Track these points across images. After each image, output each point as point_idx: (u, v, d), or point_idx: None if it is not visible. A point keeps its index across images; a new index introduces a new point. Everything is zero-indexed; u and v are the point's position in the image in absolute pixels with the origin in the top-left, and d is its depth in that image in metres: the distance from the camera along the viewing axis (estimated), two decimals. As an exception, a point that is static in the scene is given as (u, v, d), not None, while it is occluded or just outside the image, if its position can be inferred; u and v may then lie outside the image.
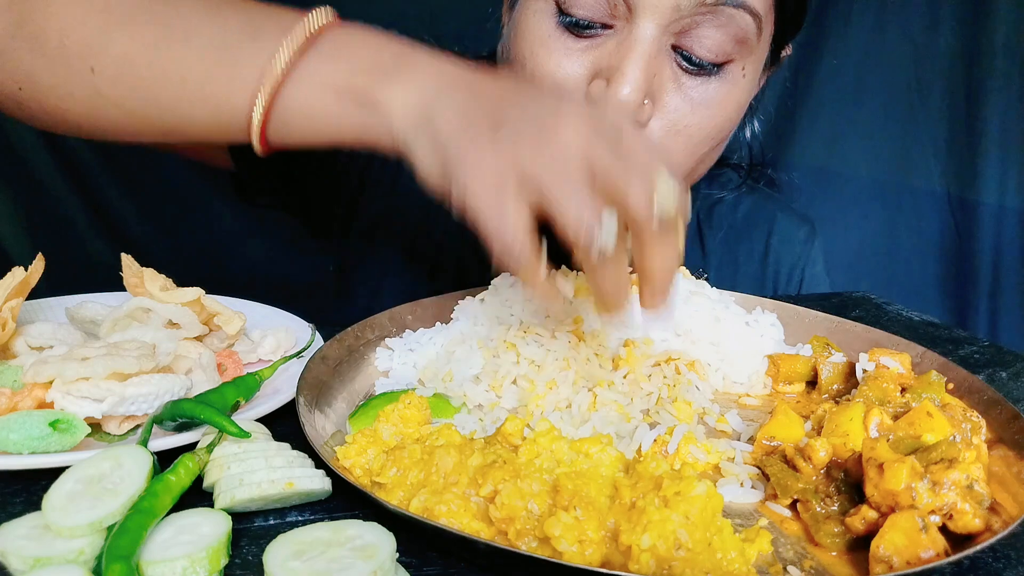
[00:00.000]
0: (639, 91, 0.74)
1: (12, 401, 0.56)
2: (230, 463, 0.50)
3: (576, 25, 0.76)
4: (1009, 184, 1.59)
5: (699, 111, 0.78)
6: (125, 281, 0.71)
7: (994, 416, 0.61)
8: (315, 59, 0.62)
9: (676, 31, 0.75)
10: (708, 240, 1.09)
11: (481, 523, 0.47)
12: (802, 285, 1.11)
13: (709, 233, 1.09)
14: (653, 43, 0.74)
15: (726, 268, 1.09)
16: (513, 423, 0.55)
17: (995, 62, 1.55)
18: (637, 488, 0.47)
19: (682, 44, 0.76)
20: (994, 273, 1.63)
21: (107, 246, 1.57)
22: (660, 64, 0.76)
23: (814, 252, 1.12)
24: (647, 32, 0.74)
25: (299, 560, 0.41)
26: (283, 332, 0.74)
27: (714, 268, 1.08)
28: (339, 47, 0.63)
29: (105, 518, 0.44)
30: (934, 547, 0.45)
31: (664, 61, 0.76)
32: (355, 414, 0.63)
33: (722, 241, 1.10)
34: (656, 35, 0.74)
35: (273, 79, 0.61)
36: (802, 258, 1.11)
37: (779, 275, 1.11)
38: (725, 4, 0.73)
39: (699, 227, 1.09)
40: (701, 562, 0.44)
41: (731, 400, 0.71)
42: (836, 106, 1.67)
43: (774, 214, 1.13)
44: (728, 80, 0.79)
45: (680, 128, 0.79)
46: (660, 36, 0.74)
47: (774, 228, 1.11)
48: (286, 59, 0.61)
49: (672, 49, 0.76)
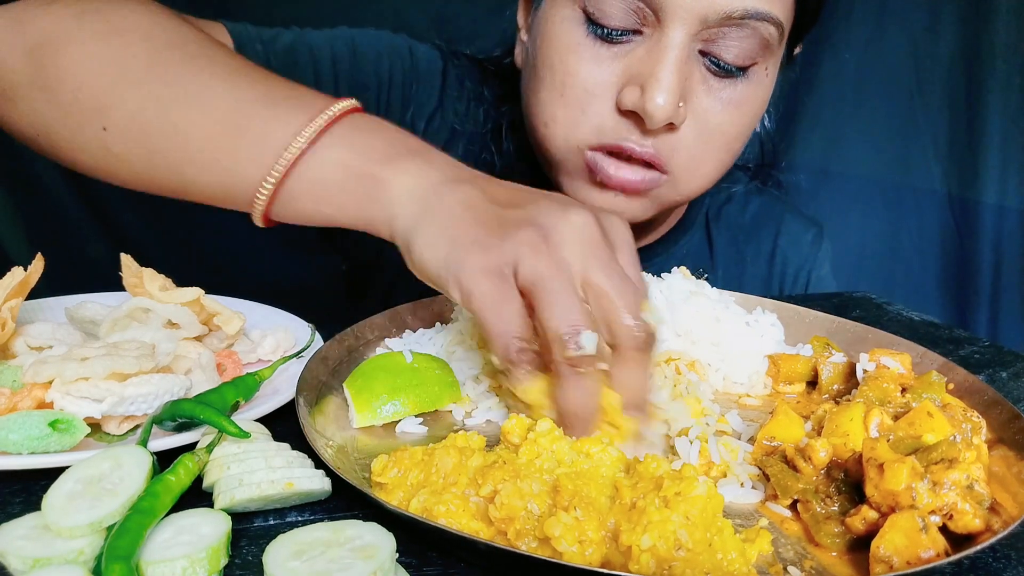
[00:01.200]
0: (674, 95, 0.76)
1: (11, 401, 0.56)
2: (230, 463, 0.50)
3: (606, 34, 0.78)
4: (1010, 184, 1.59)
5: (729, 111, 0.81)
6: (124, 281, 0.71)
7: (994, 416, 0.61)
8: (329, 142, 0.63)
9: (704, 38, 0.77)
10: (716, 239, 1.09)
11: (481, 523, 0.47)
12: (808, 287, 1.11)
13: (717, 232, 1.10)
14: (683, 49, 0.76)
15: (733, 267, 1.09)
16: (513, 423, 0.55)
17: (996, 63, 1.55)
18: (637, 488, 0.47)
19: (710, 50, 0.78)
20: (994, 273, 1.63)
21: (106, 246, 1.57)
22: (690, 68, 0.78)
23: (821, 255, 1.13)
24: (677, 38, 0.75)
25: (299, 560, 0.41)
26: (282, 332, 0.74)
27: (721, 267, 1.08)
28: (357, 133, 0.64)
29: (105, 518, 0.43)
30: (934, 547, 0.45)
31: (693, 66, 0.78)
32: (352, 378, 0.64)
33: (730, 241, 1.10)
34: (685, 41, 0.76)
35: (291, 155, 0.62)
36: (809, 260, 1.12)
37: (785, 276, 1.11)
38: (751, 17, 0.75)
39: (708, 226, 1.10)
40: (701, 562, 0.44)
41: (731, 400, 0.71)
42: (837, 106, 1.67)
43: (782, 215, 1.13)
44: (754, 81, 0.82)
45: (712, 128, 0.82)
46: (689, 43, 0.76)
47: (782, 229, 1.12)
48: (307, 139, 0.62)
49: (700, 54, 0.79)
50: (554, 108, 0.84)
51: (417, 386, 0.63)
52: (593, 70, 0.80)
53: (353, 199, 0.63)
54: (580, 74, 0.80)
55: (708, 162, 0.85)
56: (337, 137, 0.63)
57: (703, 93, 0.80)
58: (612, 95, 0.80)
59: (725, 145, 0.84)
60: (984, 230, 1.62)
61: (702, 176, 0.86)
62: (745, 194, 1.13)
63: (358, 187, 0.62)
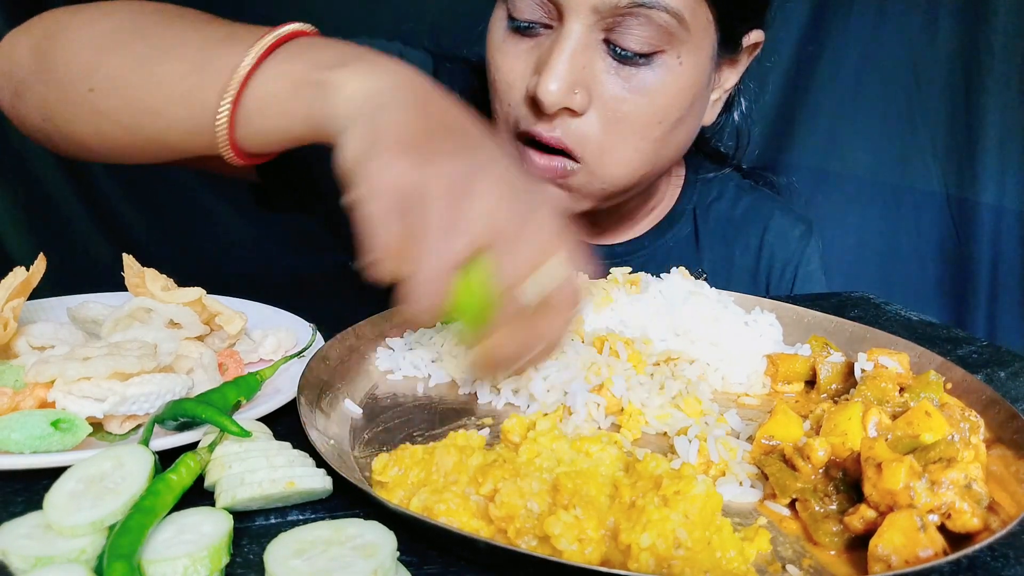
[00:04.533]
0: (563, 80, 0.80)
1: (14, 401, 0.56)
2: (231, 462, 0.50)
3: (520, 28, 0.84)
4: (1008, 184, 1.59)
5: (636, 97, 0.84)
6: (127, 281, 0.71)
7: (992, 416, 0.61)
8: (280, 56, 0.65)
9: (603, 27, 0.80)
10: (702, 234, 1.10)
11: (481, 522, 0.47)
12: (795, 283, 1.12)
13: (704, 227, 1.10)
14: (580, 39, 0.80)
15: (721, 262, 1.10)
16: (513, 422, 0.56)
17: (994, 63, 1.55)
18: (637, 487, 0.47)
19: (611, 38, 0.81)
20: (992, 273, 1.63)
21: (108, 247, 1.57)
22: (591, 57, 0.82)
23: (809, 251, 1.14)
24: (573, 29, 0.80)
25: (300, 559, 0.42)
26: (283, 332, 0.74)
27: (708, 261, 1.09)
28: (305, 48, 0.66)
29: (106, 517, 0.44)
30: (932, 546, 0.45)
31: (595, 54, 0.82)
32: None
33: (719, 236, 1.11)
34: (582, 32, 0.80)
35: (242, 73, 0.64)
36: (796, 255, 1.13)
37: (772, 271, 1.12)
38: (640, 5, 0.79)
39: (695, 221, 1.10)
40: (700, 561, 0.44)
41: (730, 400, 0.71)
42: (835, 107, 1.68)
43: (772, 212, 1.14)
44: (663, 68, 0.84)
45: (621, 115, 0.84)
46: (588, 33, 0.80)
47: (770, 225, 1.13)
48: (254, 56, 0.64)
49: (605, 43, 0.82)
50: (494, 104, 0.89)
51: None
52: (513, 63, 0.85)
53: (303, 105, 0.63)
54: (503, 68, 0.86)
55: (621, 149, 0.86)
56: (287, 52, 0.65)
57: (609, 81, 0.83)
58: (524, 85, 0.84)
59: (637, 131, 0.85)
60: (982, 230, 1.62)
61: (618, 163, 0.87)
62: (736, 191, 1.14)
63: (307, 93, 0.63)
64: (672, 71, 0.84)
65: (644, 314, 0.76)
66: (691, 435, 0.60)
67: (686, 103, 0.87)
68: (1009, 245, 1.61)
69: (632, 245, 1.07)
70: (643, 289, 0.79)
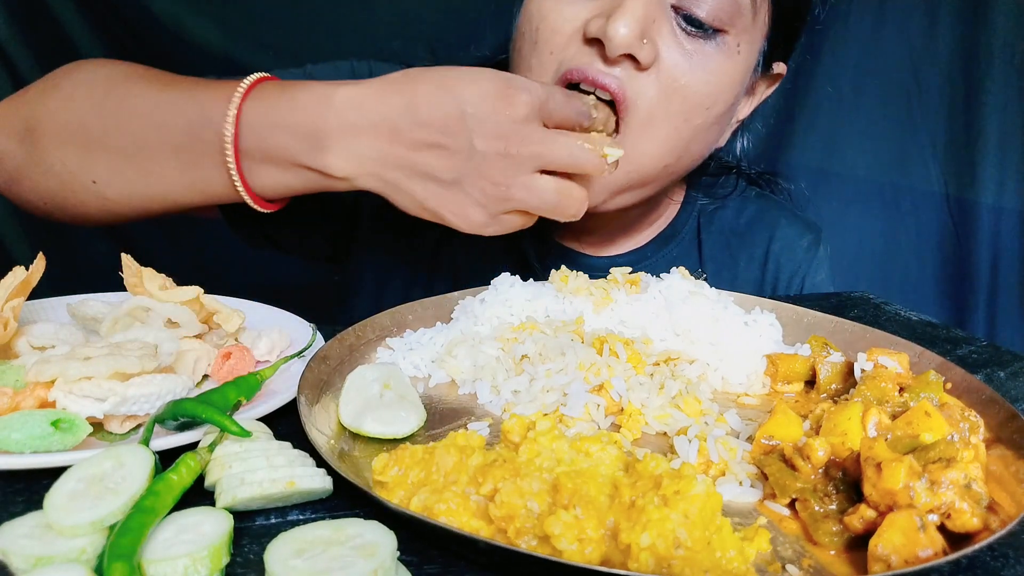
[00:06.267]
0: (637, 23, 0.78)
1: (14, 400, 0.56)
2: (231, 462, 0.50)
3: None
4: (1007, 184, 1.59)
5: (696, 71, 0.83)
6: (125, 281, 0.71)
7: (992, 415, 0.61)
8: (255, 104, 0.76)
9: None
10: (705, 244, 1.09)
11: (481, 522, 0.47)
12: (802, 292, 1.10)
13: (707, 237, 1.09)
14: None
15: (724, 272, 1.09)
16: (513, 422, 0.56)
17: (993, 63, 1.55)
18: (637, 487, 0.47)
19: (682, 5, 0.81)
20: (992, 273, 1.63)
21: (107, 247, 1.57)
22: (660, 16, 0.81)
23: (817, 260, 1.12)
24: None
25: (300, 558, 0.42)
26: (276, 333, 0.73)
27: (712, 273, 1.07)
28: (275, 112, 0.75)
29: (107, 517, 0.44)
30: (932, 546, 0.45)
31: (664, 17, 0.81)
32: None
33: (722, 246, 1.09)
34: None
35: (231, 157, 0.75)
36: (803, 265, 1.11)
37: (778, 281, 1.10)
38: None
39: (699, 232, 1.09)
40: (700, 560, 0.44)
41: (730, 400, 0.71)
42: (834, 107, 1.68)
43: (778, 220, 1.12)
44: (724, 49, 0.83)
45: (678, 87, 0.83)
46: None
47: (776, 234, 1.11)
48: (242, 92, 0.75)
49: (673, 10, 0.81)
50: (529, 58, 0.86)
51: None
52: (564, 9, 0.83)
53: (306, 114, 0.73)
54: (551, 15, 0.84)
55: (663, 126, 0.84)
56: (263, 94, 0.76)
57: (672, 46, 0.82)
58: (579, 29, 0.82)
59: (686, 110, 0.84)
60: (982, 230, 1.62)
61: (653, 139, 0.85)
62: (741, 199, 1.12)
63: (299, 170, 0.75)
64: (731, 57, 0.84)
65: (644, 314, 0.76)
66: (691, 435, 0.60)
67: (731, 97, 0.87)
68: (1008, 245, 1.61)
69: (634, 256, 1.06)
70: (643, 289, 0.79)
